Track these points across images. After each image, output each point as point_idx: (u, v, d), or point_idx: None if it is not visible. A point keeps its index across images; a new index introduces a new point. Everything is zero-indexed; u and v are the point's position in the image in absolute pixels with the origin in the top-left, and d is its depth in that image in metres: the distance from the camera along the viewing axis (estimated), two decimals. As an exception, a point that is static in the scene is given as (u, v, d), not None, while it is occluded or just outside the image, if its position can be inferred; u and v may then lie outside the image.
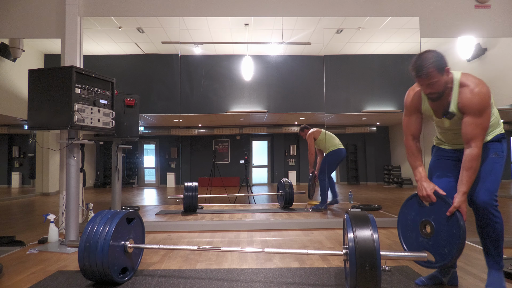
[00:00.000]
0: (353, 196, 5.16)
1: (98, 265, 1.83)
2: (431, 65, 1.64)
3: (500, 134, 1.81)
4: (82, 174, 3.05)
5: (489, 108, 1.66)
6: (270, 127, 8.11)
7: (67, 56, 3.48)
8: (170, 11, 3.75)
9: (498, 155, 1.77)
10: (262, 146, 8.71)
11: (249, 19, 4.00)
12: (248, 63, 4.81)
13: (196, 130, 8.63)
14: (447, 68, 1.68)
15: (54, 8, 3.61)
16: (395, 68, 4.71)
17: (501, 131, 1.82)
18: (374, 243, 1.53)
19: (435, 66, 1.64)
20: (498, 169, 1.76)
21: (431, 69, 1.64)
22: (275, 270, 2.22)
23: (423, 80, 1.67)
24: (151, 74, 4.82)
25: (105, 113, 2.93)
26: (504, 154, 1.80)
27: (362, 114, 5.06)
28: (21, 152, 8.72)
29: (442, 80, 1.67)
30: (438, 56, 1.67)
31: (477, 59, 4.07)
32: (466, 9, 3.80)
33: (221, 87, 5.05)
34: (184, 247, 2.15)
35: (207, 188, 6.63)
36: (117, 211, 2.02)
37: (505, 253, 2.56)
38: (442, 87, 1.69)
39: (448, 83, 1.71)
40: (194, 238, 3.23)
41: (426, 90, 1.70)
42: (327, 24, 3.99)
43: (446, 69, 1.67)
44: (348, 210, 1.77)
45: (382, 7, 3.80)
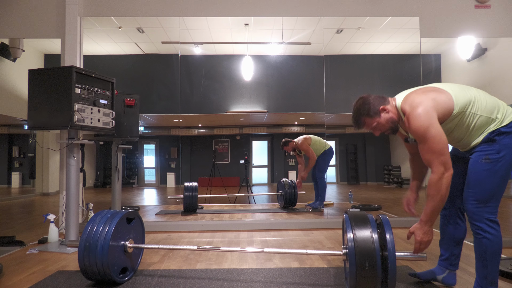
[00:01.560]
0: (353, 196, 5.16)
1: (98, 264, 1.83)
2: (361, 116, 1.70)
3: (493, 132, 1.56)
4: (82, 174, 3.05)
5: (431, 128, 1.50)
6: (270, 127, 8.11)
7: (67, 56, 3.48)
8: (170, 11, 3.75)
9: (490, 160, 1.54)
10: (262, 146, 8.71)
11: (249, 19, 4.00)
12: (248, 63, 4.81)
13: (196, 130, 8.62)
14: (381, 108, 1.69)
15: (54, 8, 3.61)
16: (395, 68, 4.70)
17: (496, 127, 1.56)
18: (374, 243, 1.53)
19: (365, 115, 1.70)
20: (489, 176, 1.54)
21: (362, 119, 1.71)
22: (275, 270, 2.22)
23: (363, 128, 1.73)
24: (151, 74, 4.82)
25: (105, 113, 2.93)
26: (501, 156, 1.53)
27: (362, 114, 5.05)
28: (21, 152, 8.71)
29: (382, 120, 1.70)
30: (365, 103, 1.70)
31: (477, 59, 4.07)
32: (466, 9, 3.80)
33: (221, 87, 5.05)
34: (184, 247, 2.15)
35: (207, 188, 6.63)
36: (117, 211, 2.02)
37: (505, 253, 2.57)
38: (387, 124, 1.71)
39: (394, 116, 1.71)
40: (194, 238, 3.23)
41: (375, 133, 1.75)
42: (327, 24, 3.99)
43: (381, 109, 1.69)
44: (347, 210, 1.77)
45: (382, 7, 3.80)
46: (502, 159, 1.53)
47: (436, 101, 1.55)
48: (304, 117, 7.08)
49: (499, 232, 1.56)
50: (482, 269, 1.59)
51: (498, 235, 1.55)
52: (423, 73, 3.92)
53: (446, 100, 1.57)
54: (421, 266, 2.27)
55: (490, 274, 1.57)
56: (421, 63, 3.89)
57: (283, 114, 6.53)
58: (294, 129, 8.01)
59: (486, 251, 1.55)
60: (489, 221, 1.55)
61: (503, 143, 1.53)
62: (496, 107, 1.58)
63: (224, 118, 6.79)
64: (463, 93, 1.60)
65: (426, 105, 1.54)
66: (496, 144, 1.55)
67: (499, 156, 1.53)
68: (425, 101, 1.56)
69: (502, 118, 1.56)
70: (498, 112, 1.57)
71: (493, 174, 1.54)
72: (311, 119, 6.95)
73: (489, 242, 1.54)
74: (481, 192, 1.56)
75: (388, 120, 1.70)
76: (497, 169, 1.54)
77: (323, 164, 4.63)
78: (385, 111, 1.70)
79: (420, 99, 1.58)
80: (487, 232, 1.55)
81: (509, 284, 1.95)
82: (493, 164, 1.54)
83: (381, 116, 1.70)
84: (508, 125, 1.55)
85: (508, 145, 1.53)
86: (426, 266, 2.25)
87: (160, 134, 9.03)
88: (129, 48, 4.63)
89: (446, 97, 1.58)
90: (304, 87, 5.10)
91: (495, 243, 1.54)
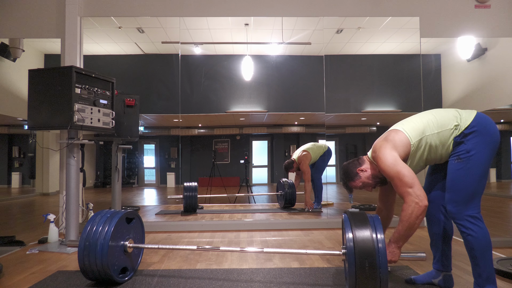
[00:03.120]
0: (353, 196, 5.15)
1: (98, 264, 1.83)
2: (346, 182, 1.93)
3: (458, 136, 1.66)
4: (82, 174, 3.05)
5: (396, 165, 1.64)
6: (270, 127, 8.10)
7: (67, 56, 3.48)
8: (170, 11, 3.75)
9: (461, 159, 1.63)
10: (262, 146, 8.71)
11: (249, 19, 4.00)
12: (248, 63, 4.80)
13: (196, 130, 8.62)
14: (358, 170, 1.89)
15: (54, 8, 3.61)
16: (395, 68, 4.70)
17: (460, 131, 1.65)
18: (373, 243, 1.53)
19: (349, 181, 1.92)
20: (463, 176, 1.61)
21: (349, 184, 1.92)
22: (275, 270, 2.23)
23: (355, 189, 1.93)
24: (151, 74, 4.82)
25: (105, 113, 2.93)
26: (471, 154, 1.60)
27: (362, 114, 5.05)
28: (21, 152, 8.71)
29: (363, 179, 1.88)
30: (345, 171, 1.93)
31: (477, 59, 4.07)
32: (466, 9, 3.80)
33: (221, 87, 5.05)
34: (184, 247, 2.15)
35: (207, 188, 6.63)
36: (116, 211, 2.02)
37: (505, 253, 2.57)
38: (370, 181, 1.88)
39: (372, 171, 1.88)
40: (194, 238, 3.23)
41: (367, 190, 1.94)
42: (327, 24, 3.99)
43: (358, 171, 1.89)
44: (346, 210, 1.77)
45: (382, 7, 3.80)
46: (472, 158, 1.61)
47: (393, 142, 1.73)
48: (304, 117, 7.08)
49: (483, 227, 1.59)
50: (475, 267, 1.62)
51: (482, 231, 1.58)
52: (423, 73, 3.92)
53: (401, 138, 1.73)
54: (421, 266, 2.27)
55: (483, 271, 1.58)
56: (421, 63, 3.89)
57: (283, 114, 6.53)
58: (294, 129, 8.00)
59: (473, 248, 1.59)
60: (470, 217, 1.60)
61: (470, 142, 1.63)
62: (450, 118, 1.70)
63: (224, 118, 6.79)
64: (412, 126, 1.75)
65: (385, 147, 1.73)
66: (464, 144, 1.65)
67: (469, 155, 1.62)
68: (383, 144, 1.75)
69: (461, 123, 1.67)
70: (454, 120, 1.68)
71: (467, 172, 1.62)
72: (311, 119, 6.94)
73: (474, 238, 1.58)
74: (458, 192, 1.63)
75: (368, 177, 1.89)
76: (470, 166, 1.61)
77: (322, 166, 4.63)
78: (362, 171, 1.89)
79: (380, 143, 1.77)
80: (469, 229, 1.60)
81: (509, 284, 1.95)
82: (464, 162, 1.63)
83: (361, 177, 1.89)
84: (469, 126, 1.65)
85: (476, 144, 1.62)
86: (426, 266, 2.25)
87: (160, 134, 9.03)
88: (129, 48, 4.63)
89: (401, 135, 1.74)
90: (304, 87, 5.10)
91: (480, 238, 1.58)
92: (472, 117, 1.67)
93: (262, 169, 8.63)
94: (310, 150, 4.59)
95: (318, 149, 4.65)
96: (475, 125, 1.64)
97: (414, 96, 4.02)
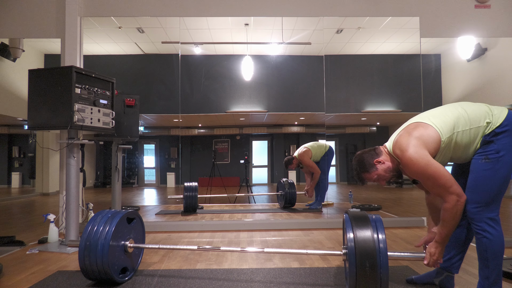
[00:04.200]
0: (353, 196, 5.16)
1: (99, 264, 1.83)
2: (360, 173, 1.78)
3: (488, 134, 1.56)
4: (82, 174, 3.05)
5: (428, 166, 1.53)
6: (270, 127, 8.10)
7: (67, 56, 3.48)
8: (170, 11, 3.75)
9: (490, 160, 1.54)
10: (262, 146, 8.71)
11: (249, 19, 4.00)
12: (248, 63, 4.80)
13: (196, 130, 8.62)
14: (375, 161, 1.74)
15: (54, 8, 3.61)
16: (395, 68, 4.71)
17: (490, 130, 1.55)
18: (374, 243, 1.53)
19: (364, 172, 1.77)
20: (489, 177, 1.53)
21: (362, 176, 1.78)
22: (275, 270, 2.23)
23: (368, 182, 1.79)
24: (151, 74, 4.82)
25: (105, 113, 2.93)
26: (500, 155, 1.52)
27: (362, 114, 5.06)
28: (21, 152, 8.71)
29: (380, 172, 1.74)
30: (359, 161, 1.78)
31: (477, 59, 4.07)
32: (466, 9, 3.80)
33: (221, 87, 5.05)
34: (184, 247, 2.15)
35: (207, 188, 6.63)
36: (117, 211, 2.02)
37: (505, 253, 2.57)
38: (387, 174, 1.75)
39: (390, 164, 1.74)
40: (194, 238, 3.23)
41: (381, 183, 1.79)
42: (327, 24, 3.99)
43: (375, 162, 1.74)
44: (347, 210, 1.77)
45: (382, 7, 3.81)
46: (502, 159, 1.52)
47: (422, 139, 1.58)
48: (304, 117, 7.08)
49: (500, 231, 1.55)
50: (484, 269, 1.58)
51: (498, 234, 1.54)
52: (423, 73, 3.92)
53: (431, 133, 1.59)
54: (421, 266, 2.27)
55: (492, 274, 1.55)
56: (421, 63, 3.89)
57: (283, 114, 6.53)
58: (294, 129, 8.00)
59: (486, 251, 1.54)
60: (489, 219, 1.54)
61: (501, 142, 1.53)
62: (482, 114, 1.58)
63: (224, 118, 6.79)
64: (443, 120, 1.61)
65: (414, 145, 1.57)
66: (494, 144, 1.54)
67: (499, 155, 1.53)
68: (411, 142, 1.59)
69: (494, 121, 1.56)
70: (486, 117, 1.57)
71: (494, 173, 1.53)
72: (311, 119, 6.95)
73: (489, 241, 1.54)
74: (482, 193, 1.55)
75: (386, 170, 1.74)
76: (498, 168, 1.53)
77: (325, 165, 4.63)
78: (380, 163, 1.75)
79: (407, 141, 1.60)
80: (486, 231, 1.54)
81: (509, 284, 1.95)
82: (493, 163, 1.53)
83: (378, 168, 1.75)
84: (501, 124, 1.54)
85: (507, 145, 1.53)
86: (426, 266, 2.25)
87: (160, 134, 9.03)
88: (129, 48, 4.63)
89: (430, 130, 1.60)
90: (304, 87, 5.10)
91: (496, 242, 1.53)
92: (504, 115, 1.56)
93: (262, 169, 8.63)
94: (310, 147, 4.63)
95: (319, 148, 4.65)
96: (507, 124, 1.54)
97: (414, 96, 4.02)
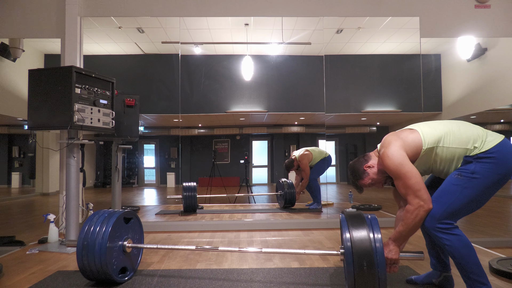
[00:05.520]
0: (353, 196, 5.16)
1: (97, 264, 1.84)
2: (355, 181, 1.85)
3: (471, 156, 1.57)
4: (82, 174, 3.05)
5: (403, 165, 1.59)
6: (270, 127, 8.10)
7: (67, 56, 3.48)
8: (170, 11, 3.75)
9: (462, 176, 1.56)
10: (262, 146, 8.70)
11: (249, 19, 4.00)
12: (248, 63, 4.80)
13: (196, 130, 8.62)
14: (365, 167, 1.81)
15: (54, 8, 3.61)
16: (395, 68, 4.70)
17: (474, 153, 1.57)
18: (371, 242, 1.54)
19: (358, 179, 1.83)
20: (455, 191, 1.56)
21: (358, 183, 1.84)
22: (275, 270, 2.23)
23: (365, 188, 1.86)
24: (151, 74, 4.82)
25: (105, 113, 2.93)
26: (473, 176, 1.53)
27: (362, 114, 5.05)
28: (21, 152, 8.71)
29: (371, 175, 1.81)
30: (352, 170, 1.85)
31: (477, 59, 4.07)
32: (466, 9, 3.80)
33: (221, 87, 5.05)
34: (183, 247, 2.15)
35: (207, 188, 6.63)
36: (114, 211, 2.02)
37: (505, 253, 2.57)
38: (379, 177, 1.80)
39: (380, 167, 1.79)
40: (194, 238, 3.23)
41: (378, 187, 1.85)
42: (327, 24, 3.99)
43: (365, 167, 1.81)
44: (343, 210, 1.77)
45: (382, 7, 3.80)
46: (474, 180, 1.54)
47: (405, 141, 1.67)
48: (304, 117, 7.08)
49: (458, 233, 1.56)
50: (462, 272, 1.59)
51: (457, 238, 1.55)
52: (423, 73, 3.92)
53: (415, 138, 1.66)
54: (421, 266, 2.27)
55: (471, 273, 1.55)
56: (421, 63, 3.89)
57: (283, 114, 6.53)
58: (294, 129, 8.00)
59: (454, 256, 1.56)
60: (439, 229, 1.56)
61: (480, 166, 1.55)
62: (473, 137, 1.60)
63: (224, 118, 6.79)
64: (432, 131, 1.66)
65: (394, 144, 1.66)
66: (472, 164, 1.57)
67: (473, 176, 1.55)
68: (394, 141, 1.68)
69: (481, 146, 1.57)
70: (475, 141, 1.59)
71: (461, 191, 1.55)
72: (311, 119, 6.94)
73: (451, 247, 1.55)
74: (441, 205, 1.57)
75: (376, 173, 1.80)
76: (466, 186, 1.55)
77: (319, 169, 4.65)
78: (369, 168, 1.82)
79: (390, 140, 1.70)
80: (444, 239, 1.56)
81: (510, 284, 1.95)
82: (463, 181, 1.56)
83: (369, 173, 1.81)
84: (488, 151, 1.55)
85: (485, 170, 1.54)
86: (426, 266, 2.25)
87: (160, 134, 9.03)
88: (129, 48, 4.63)
89: (415, 136, 1.67)
90: (304, 87, 5.10)
91: (458, 245, 1.54)
92: (496, 142, 1.56)
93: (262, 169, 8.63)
94: (312, 151, 4.64)
95: (320, 154, 4.68)
96: (495, 151, 1.54)
97: (414, 96, 4.02)
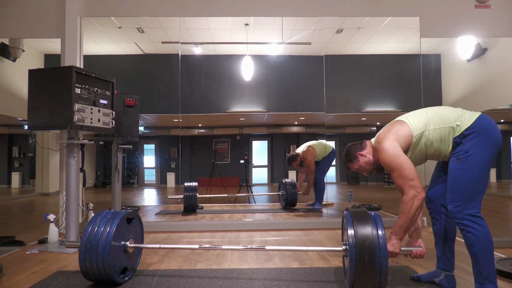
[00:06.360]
0: (353, 196, 5.16)
1: (100, 266, 1.83)
2: (345, 162, 2.02)
3: (457, 136, 1.68)
4: (82, 174, 3.05)
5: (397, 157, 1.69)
6: (270, 127, 8.11)
7: (67, 56, 3.48)
8: (170, 11, 3.75)
9: (460, 160, 1.65)
10: (262, 146, 8.71)
11: (249, 19, 4.00)
12: (248, 63, 4.80)
13: (196, 130, 8.62)
14: (358, 154, 1.95)
15: (54, 8, 3.61)
16: (395, 68, 4.70)
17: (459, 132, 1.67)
18: (374, 238, 1.57)
19: (347, 161, 2.00)
20: (462, 175, 1.63)
21: (347, 164, 2.01)
22: (275, 270, 2.23)
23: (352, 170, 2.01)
24: (151, 74, 4.82)
25: (105, 113, 2.93)
26: (469, 154, 1.62)
27: (362, 114, 5.05)
28: (21, 152, 8.70)
29: (361, 163, 1.95)
30: (346, 152, 2.01)
31: (477, 59, 4.07)
32: (466, 9, 3.80)
33: (221, 87, 5.05)
34: (183, 246, 2.15)
35: (207, 188, 6.63)
36: (117, 212, 2.02)
37: (505, 253, 2.57)
38: (367, 166, 1.95)
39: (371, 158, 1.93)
40: (194, 238, 3.23)
41: (363, 173, 2.01)
42: (327, 24, 3.99)
43: (358, 154, 1.95)
44: (347, 208, 1.80)
45: (382, 7, 3.80)
46: (470, 158, 1.63)
47: (397, 134, 1.77)
48: (304, 117, 7.08)
49: (485, 227, 1.59)
50: (475, 265, 1.61)
51: (482, 229, 1.59)
52: (423, 73, 3.92)
53: (405, 129, 1.77)
54: (421, 266, 2.27)
55: (484, 269, 1.58)
56: (421, 63, 3.89)
57: (283, 114, 6.54)
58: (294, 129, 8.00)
59: (473, 246, 1.59)
60: (470, 216, 1.60)
61: (469, 143, 1.65)
62: (454, 117, 1.71)
63: (224, 118, 6.79)
64: (417, 119, 1.79)
65: (388, 138, 1.76)
66: (463, 145, 1.67)
67: (468, 155, 1.64)
68: (387, 135, 1.78)
69: (462, 124, 1.68)
70: (456, 120, 1.70)
71: (465, 172, 1.63)
72: (311, 119, 6.95)
73: (474, 236, 1.58)
74: (458, 192, 1.64)
75: (366, 162, 1.94)
76: (468, 167, 1.63)
77: (324, 166, 4.61)
78: (362, 156, 1.94)
79: (384, 135, 1.80)
80: (470, 227, 1.60)
81: (509, 284, 1.95)
82: (462, 163, 1.65)
83: (359, 160, 1.95)
84: (469, 127, 1.66)
85: (474, 144, 1.64)
86: (426, 266, 2.25)
87: (160, 134, 9.03)
88: (129, 48, 4.63)
89: (405, 127, 1.78)
90: (304, 87, 5.10)
91: (481, 237, 1.58)
92: (474, 118, 1.67)
93: (262, 169, 8.63)
94: (315, 146, 4.57)
95: (324, 148, 4.60)
96: (475, 126, 1.65)
97: (414, 96, 4.02)
